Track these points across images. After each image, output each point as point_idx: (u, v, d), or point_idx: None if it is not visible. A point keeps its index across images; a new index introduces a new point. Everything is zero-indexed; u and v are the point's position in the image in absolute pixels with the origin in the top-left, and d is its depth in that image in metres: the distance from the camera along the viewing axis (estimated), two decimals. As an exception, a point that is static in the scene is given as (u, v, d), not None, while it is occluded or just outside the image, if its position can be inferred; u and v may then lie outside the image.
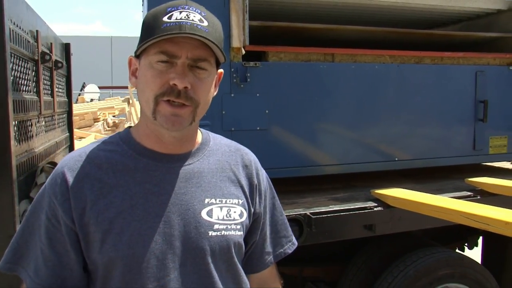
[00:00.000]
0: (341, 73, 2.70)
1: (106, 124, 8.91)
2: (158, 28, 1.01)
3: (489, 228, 1.75)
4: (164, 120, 1.02)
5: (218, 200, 1.10)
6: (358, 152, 2.78)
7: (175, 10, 1.02)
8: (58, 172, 1.07)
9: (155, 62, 1.02)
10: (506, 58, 3.07)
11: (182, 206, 1.06)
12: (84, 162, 1.07)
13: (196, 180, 1.10)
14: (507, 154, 3.13)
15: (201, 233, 1.06)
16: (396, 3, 2.86)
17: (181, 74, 1.01)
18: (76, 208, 1.02)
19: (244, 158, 1.21)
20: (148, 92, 1.03)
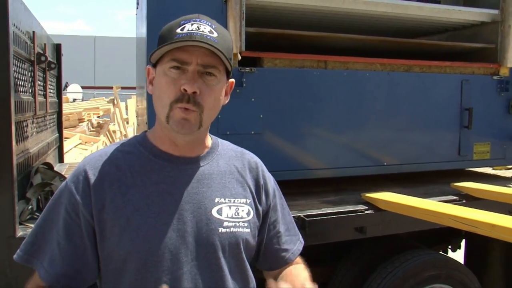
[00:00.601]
0: (333, 80, 2.78)
1: (90, 125, 8.87)
2: (171, 38, 1.09)
3: (476, 230, 1.84)
4: (175, 124, 1.10)
5: (227, 199, 1.18)
6: (349, 156, 2.86)
7: (187, 22, 1.11)
8: (81, 170, 1.15)
9: (168, 69, 1.10)
10: (490, 68, 3.19)
11: (194, 204, 1.14)
12: (104, 162, 1.15)
13: (207, 181, 1.18)
14: (489, 160, 3.25)
15: (211, 229, 1.13)
16: (385, 13, 2.95)
17: (191, 80, 1.09)
18: (96, 204, 1.10)
19: (250, 161, 1.29)
20: (165, 99, 1.11)
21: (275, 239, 1.30)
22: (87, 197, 1.11)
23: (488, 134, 3.21)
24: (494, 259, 3.46)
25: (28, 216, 2.14)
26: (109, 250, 1.11)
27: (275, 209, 1.30)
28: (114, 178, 1.13)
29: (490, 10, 3.24)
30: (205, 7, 2.50)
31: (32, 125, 2.74)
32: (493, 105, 3.21)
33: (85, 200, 1.11)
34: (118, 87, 10.08)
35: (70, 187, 1.13)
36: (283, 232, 1.32)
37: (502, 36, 3.20)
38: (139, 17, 3.10)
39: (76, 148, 7.18)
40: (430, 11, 3.05)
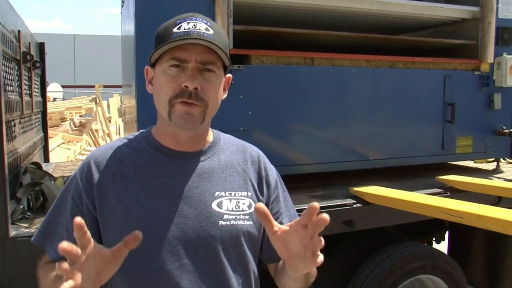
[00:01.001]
0: (320, 76, 2.82)
1: (73, 124, 8.79)
2: (168, 38, 1.12)
3: (462, 221, 1.90)
4: (178, 118, 1.13)
5: (228, 193, 1.20)
6: (335, 152, 2.91)
7: (183, 21, 1.14)
8: (87, 162, 1.20)
9: (167, 68, 1.13)
10: (471, 63, 3.28)
11: (194, 198, 1.17)
12: (109, 155, 1.20)
13: (207, 176, 1.20)
14: (471, 154, 3.34)
15: (211, 222, 1.16)
16: (370, 10, 3.00)
17: (191, 77, 1.11)
18: (99, 194, 1.15)
19: (252, 154, 1.31)
20: (164, 96, 1.14)
21: None
22: (90, 187, 1.16)
23: (470, 128, 3.29)
24: (476, 249, 3.57)
25: (19, 215, 2.13)
26: (111, 239, 1.13)
27: (278, 201, 1.32)
28: (117, 170, 1.17)
29: (471, 7, 3.31)
30: (193, 5, 2.51)
31: (19, 125, 2.73)
32: (475, 100, 3.29)
33: (88, 190, 1.16)
34: (101, 86, 9.99)
35: (77, 176, 1.19)
36: (286, 223, 1.34)
37: (482, 33, 3.28)
38: (125, 15, 3.10)
39: (59, 148, 7.11)
40: (413, 8, 3.12)
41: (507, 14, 3.39)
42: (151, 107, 2.44)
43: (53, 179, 2.62)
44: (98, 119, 9.50)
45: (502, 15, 3.36)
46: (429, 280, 2.77)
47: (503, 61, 3.30)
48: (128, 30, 2.83)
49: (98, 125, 9.37)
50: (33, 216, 2.18)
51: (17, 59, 2.70)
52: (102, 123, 9.23)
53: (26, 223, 2.09)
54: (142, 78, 2.43)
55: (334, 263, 2.80)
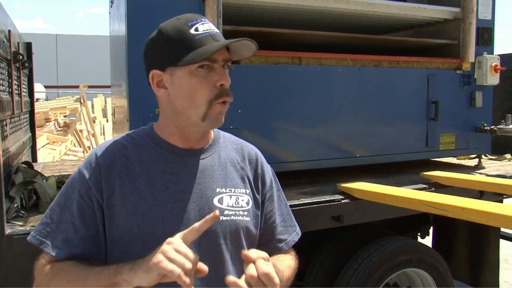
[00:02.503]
0: (307, 75, 2.89)
1: (57, 124, 8.73)
2: (191, 40, 1.15)
3: (447, 213, 1.98)
4: (214, 120, 1.18)
5: (228, 189, 1.25)
6: (323, 149, 2.98)
7: (196, 23, 1.17)
8: (93, 158, 1.22)
9: (195, 69, 1.15)
10: (453, 63, 3.37)
11: (197, 194, 1.21)
12: (114, 151, 1.22)
13: (209, 172, 1.25)
14: (454, 150, 3.44)
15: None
16: (356, 11, 3.07)
17: (225, 75, 1.18)
18: (106, 190, 1.17)
19: (250, 153, 1.37)
20: (200, 97, 1.16)
21: (270, 229, 1.37)
22: (98, 182, 1.18)
23: (453, 126, 3.39)
24: (459, 243, 3.68)
25: (14, 214, 2.15)
26: (116, 234, 1.18)
27: (272, 200, 1.38)
28: (123, 166, 1.20)
29: (452, 8, 3.41)
30: (183, 5, 2.56)
31: (10, 125, 2.74)
32: (457, 98, 3.39)
33: (97, 185, 1.18)
34: (85, 86, 9.93)
35: (83, 173, 1.20)
36: (278, 223, 1.39)
37: (464, 33, 3.38)
38: (115, 15, 3.12)
39: (44, 148, 7.08)
40: (397, 8, 3.20)
41: (486, 15, 3.50)
42: (143, 106, 2.51)
43: (45, 178, 2.63)
44: (82, 120, 9.45)
45: (482, 16, 3.46)
46: (415, 274, 2.85)
47: (483, 60, 3.41)
48: (119, 30, 2.86)
49: (82, 125, 9.32)
50: (27, 215, 2.20)
51: (7, 58, 2.71)
52: (86, 123, 9.19)
53: (21, 221, 2.11)
54: (134, 78, 2.50)
55: (324, 258, 2.87)
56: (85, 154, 8.19)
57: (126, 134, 1.30)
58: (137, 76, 2.50)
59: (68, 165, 4.18)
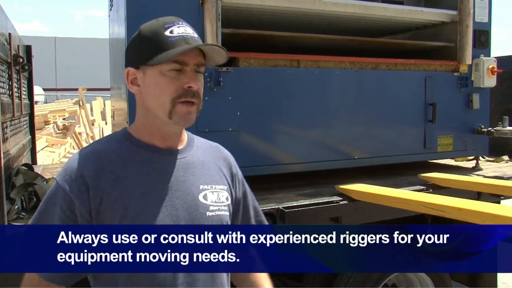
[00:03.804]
0: (306, 78, 2.91)
1: (56, 127, 8.75)
2: (164, 41, 1.17)
3: (445, 214, 2.00)
4: (180, 118, 1.19)
5: (210, 186, 1.29)
6: (321, 151, 3.00)
7: (173, 25, 1.20)
8: (73, 169, 1.19)
9: (167, 70, 1.18)
10: (450, 65, 3.40)
11: (183, 191, 1.24)
12: (96, 158, 1.21)
13: (192, 170, 1.28)
14: (452, 152, 3.46)
15: (200, 213, 1.24)
16: (354, 14, 3.10)
17: (194, 78, 1.19)
18: (94, 198, 1.16)
19: (224, 152, 1.41)
20: (165, 97, 1.19)
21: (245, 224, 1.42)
22: (82, 194, 1.16)
23: (451, 128, 3.41)
24: (457, 245, 3.68)
25: (14, 216, 2.17)
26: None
27: (246, 196, 1.42)
28: (108, 171, 1.19)
29: (449, 11, 3.44)
30: (183, 9, 2.58)
31: (10, 127, 2.76)
32: (455, 100, 3.42)
33: (81, 198, 1.17)
34: (84, 89, 9.95)
35: (64, 186, 1.18)
36: (253, 217, 1.44)
37: (461, 35, 3.41)
38: (114, 18, 3.15)
39: (43, 151, 7.08)
40: (394, 11, 3.23)
41: (483, 18, 3.53)
42: (143, 108, 2.52)
43: (46, 180, 2.65)
44: (81, 122, 9.46)
45: (479, 18, 3.49)
46: (413, 275, 2.86)
47: (480, 62, 3.43)
48: (118, 33, 2.88)
49: (81, 128, 9.33)
50: (27, 216, 2.22)
51: (8, 61, 2.73)
52: (85, 126, 9.20)
53: (21, 223, 2.13)
54: (133, 80, 2.51)
55: (322, 259, 2.88)
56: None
57: (100, 140, 1.32)
58: (137, 79, 2.52)
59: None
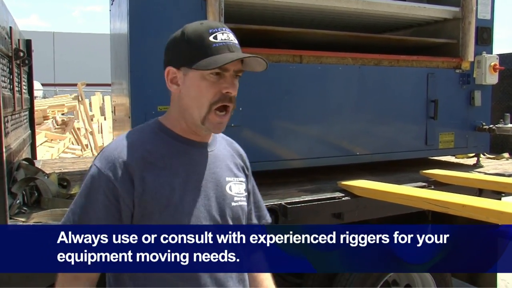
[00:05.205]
0: (308, 73, 2.90)
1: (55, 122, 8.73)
2: (208, 47, 1.22)
3: (448, 211, 2.00)
4: (212, 126, 1.27)
5: (233, 178, 1.37)
6: (323, 147, 3.00)
7: (217, 31, 1.25)
8: (115, 157, 1.23)
9: (208, 74, 1.23)
10: (453, 62, 3.40)
11: (214, 182, 1.31)
12: (136, 148, 1.25)
13: (219, 163, 1.35)
14: (453, 149, 3.46)
15: (227, 204, 1.32)
16: (356, 9, 3.09)
17: (233, 84, 1.25)
18: (137, 187, 1.20)
19: (237, 147, 1.48)
20: (203, 100, 1.24)
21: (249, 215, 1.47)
22: (126, 182, 1.20)
23: (452, 125, 3.41)
24: (457, 242, 3.68)
25: (16, 210, 2.16)
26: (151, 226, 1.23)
27: (254, 190, 1.50)
28: (149, 162, 1.24)
29: (452, 8, 3.44)
30: (186, 4, 2.57)
31: (11, 121, 2.74)
32: (456, 97, 3.42)
33: (125, 186, 1.20)
34: (83, 84, 9.92)
35: (107, 173, 1.21)
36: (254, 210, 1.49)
37: (463, 32, 3.41)
38: (116, 13, 3.13)
39: (42, 146, 7.07)
40: (397, 8, 3.22)
41: (485, 14, 3.52)
42: (145, 103, 2.51)
43: (47, 175, 2.64)
44: (80, 117, 9.44)
45: (481, 15, 3.49)
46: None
47: (482, 59, 3.43)
48: (120, 28, 2.86)
49: (80, 123, 9.30)
50: (29, 211, 2.21)
51: (9, 55, 2.71)
52: (84, 121, 9.18)
53: (23, 217, 2.13)
54: (136, 75, 2.50)
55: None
56: (83, 152, 8.18)
57: (134, 131, 1.34)
58: (139, 74, 2.51)
59: (67, 162, 4.18)
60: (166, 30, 1.24)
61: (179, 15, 2.54)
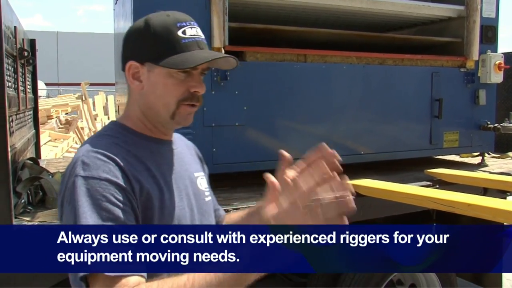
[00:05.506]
0: (312, 72, 2.90)
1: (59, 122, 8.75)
2: (178, 43, 1.14)
3: (454, 210, 1.99)
4: (183, 119, 1.20)
5: (199, 173, 1.34)
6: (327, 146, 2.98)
7: (186, 26, 1.17)
8: (104, 161, 1.10)
9: (175, 72, 1.15)
10: (457, 60, 3.39)
11: (189, 180, 1.27)
12: (114, 151, 1.13)
13: (186, 160, 1.32)
14: (458, 148, 3.45)
15: (202, 199, 1.30)
16: (361, 8, 3.09)
17: (201, 83, 1.19)
18: (135, 187, 1.11)
19: (188, 141, 1.43)
20: (170, 98, 1.17)
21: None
22: (128, 182, 1.10)
23: (457, 124, 3.40)
24: (462, 242, 3.67)
25: (21, 209, 2.16)
26: None
27: (209, 183, 1.45)
28: (131, 164, 1.14)
29: (456, 6, 3.42)
30: (190, 3, 2.56)
31: (16, 121, 2.75)
32: (461, 96, 3.41)
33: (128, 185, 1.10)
34: (87, 83, 9.94)
35: (107, 177, 1.08)
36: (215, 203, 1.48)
37: (468, 31, 3.39)
38: (120, 12, 3.13)
39: (46, 145, 7.09)
40: (401, 6, 3.21)
41: (490, 13, 3.50)
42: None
43: (51, 174, 2.64)
44: (84, 117, 9.46)
45: (486, 14, 3.47)
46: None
47: (487, 58, 3.42)
48: (124, 27, 2.86)
49: (84, 123, 9.33)
50: (34, 210, 2.22)
51: (13, 55, 2.72)
52: (88, 121, 9.19)
53: (28, 217, 2.13)
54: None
55: (327, 255, 2.87)
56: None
57: (102, 135, 1.22)
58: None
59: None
60: (169, 30, 1.19)
61: (182, 14, 2.53)
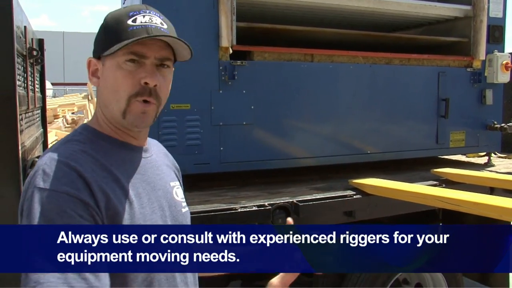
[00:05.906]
0: (320, 72, 2.91)
1: (65, 121, 8.79)
2: (124, 31, 1.05)
3: (460, 209, 2.00)
4: (134, 118, 1.08)
5: (175, 182, 1.24)
6: (334, 145, 3.00)
7: (137, 14, 1.08)
8: (66, 172, 1.00)
9: (123, 62, 1.06)
10: (464, 60, 3.39)
11: (163, 190, 1.17)
12: (80, 160, 1.04)
13: (162, 168, 1.22)
14: (464, 148, 3.46)
15: (178, 211, 1.20)
16: (367, 8, 3.10)
17: (152, 73, 1.07)
18: (101, 200, 1.02)
19: (163, 148, 1.34)
20: (121, 92, 1.07)
21: None
22: (92, 196, 1.00)
23: (463, 123, 3.41)
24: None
25: (31, 206, 2.18)
26: None
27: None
28: (99, 174, 1.05)
29: (463, 6, 3.43)
30: (198, 2, 2.59)
31: (25, 119, 2.77)
32: (467, 96, 3.41)
33: (91, 199, 1.00)
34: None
35: (67, 191, 0.98)
36: None
37: (475, 31, 3.40)
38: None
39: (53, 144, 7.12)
40: (408, 6, 3.22)
41: (497, 13, 3.50)
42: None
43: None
44: (90, 116, 9.50)
45: (493, 14, 3.47)
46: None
47: (494, 58, 3.42)
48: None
49: (90, 122, 9.36)
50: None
51: (23, 54, 2.74)
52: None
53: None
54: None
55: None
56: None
57: (69, 140, 1.11)
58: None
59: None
60: (178, 29, 1.14)
61: (191, 14, 2.55)
